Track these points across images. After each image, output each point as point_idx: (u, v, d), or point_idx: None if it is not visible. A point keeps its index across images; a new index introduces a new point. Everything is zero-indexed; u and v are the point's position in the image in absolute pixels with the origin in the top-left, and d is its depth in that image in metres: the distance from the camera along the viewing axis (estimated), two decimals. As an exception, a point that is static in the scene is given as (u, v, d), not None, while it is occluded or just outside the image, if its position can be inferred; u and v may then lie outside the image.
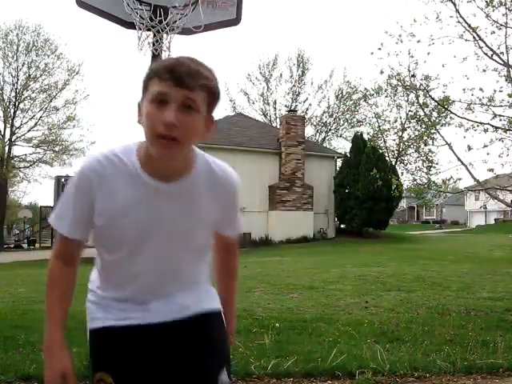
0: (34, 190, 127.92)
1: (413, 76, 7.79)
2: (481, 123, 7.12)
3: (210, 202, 1.37)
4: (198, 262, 1.45)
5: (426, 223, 54.13)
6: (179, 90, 1.20)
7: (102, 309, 1.41)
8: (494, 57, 7.14)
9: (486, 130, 7.07)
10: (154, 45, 3.89)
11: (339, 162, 26.40)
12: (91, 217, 1.33)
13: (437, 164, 26.39)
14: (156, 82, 1.23)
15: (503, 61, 7.11)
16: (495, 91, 7.05)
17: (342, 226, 26.05)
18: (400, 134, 29.91)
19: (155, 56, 3.91)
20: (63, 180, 19.39)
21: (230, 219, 1.48)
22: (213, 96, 1.28)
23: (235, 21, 4.43)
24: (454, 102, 7.42)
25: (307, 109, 35.62)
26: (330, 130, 36.33)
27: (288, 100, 35.89)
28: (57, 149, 33.08)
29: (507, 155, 7.20)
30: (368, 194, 22.13)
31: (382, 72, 8.18)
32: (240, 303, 5.48)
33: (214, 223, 1.42)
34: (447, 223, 53.78)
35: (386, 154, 27.35)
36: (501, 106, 7.10)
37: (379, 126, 30.29)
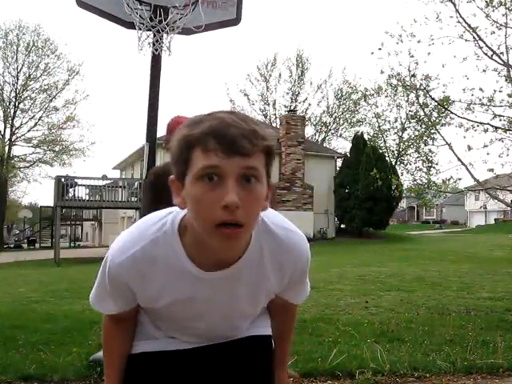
0: (34, 190, 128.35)
1: (413, 76, 7.80)
2: (481, 123, 7.12)
3: (269, 274, 1.19)
4: (253, 317, 1.35)
5: (426, 223, 54.12)
6: (234, 160, 0.96)
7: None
8: (494, 57, 7.15)
9: (486, 130, 7.07)
10: (153, 45, 3.89)
11: (339, 162, 26.45)
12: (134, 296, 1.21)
13: (437, 164, 26.47)
14: (200, 153, 0.97)
15: (503, 61, 7.11)
16: (495, 91, 7.06)
17: (342, 225, 26.08)
18: (400, 134, 30.01)
19: (155, 56, 3.91)
20: (63, 180, 19.35)
21: (293, 287, 1.30)
22: (271, 156, 1.04)
23: (235, 21, 4.43)
24: (453, 102, 7.43)
25: (307, 109, 35.69)
26: (330, 129, 36.35)
27: (287, 100, 35.97)
28: (57, 149, 33.18)
29: (507, 155, 7.20)
30: (368, 194, 22.15)
31: (382, 72, 8.21)
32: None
33: (276, 291, 1.28)
34: (447, 223, 53.79)
35: (386, 154, 27.43)
36: (501, 106, 7.11)
37: (379, 126, 30.37)
